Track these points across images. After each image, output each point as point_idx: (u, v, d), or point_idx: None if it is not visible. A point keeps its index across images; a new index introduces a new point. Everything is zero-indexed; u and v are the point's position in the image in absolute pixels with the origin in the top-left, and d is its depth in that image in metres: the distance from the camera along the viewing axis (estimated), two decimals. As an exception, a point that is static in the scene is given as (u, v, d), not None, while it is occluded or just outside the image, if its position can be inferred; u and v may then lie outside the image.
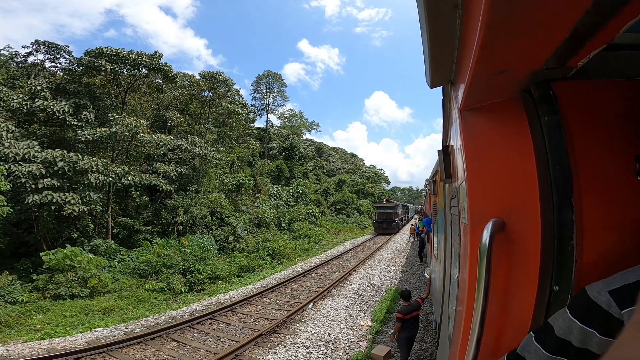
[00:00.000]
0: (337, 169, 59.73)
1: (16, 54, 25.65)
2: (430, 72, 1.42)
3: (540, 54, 0.93)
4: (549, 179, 1.12)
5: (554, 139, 1.12)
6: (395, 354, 6.77)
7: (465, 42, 1.03)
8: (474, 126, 1.30)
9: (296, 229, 26.23)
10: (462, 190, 1.47)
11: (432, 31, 1.07)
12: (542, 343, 0.97)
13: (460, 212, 1.61)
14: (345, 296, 10.81)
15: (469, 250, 1.30)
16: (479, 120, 1.30)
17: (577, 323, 0.89)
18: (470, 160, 1.30)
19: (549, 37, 0.83)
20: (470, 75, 1.02)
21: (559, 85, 1.13)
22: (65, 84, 16.09)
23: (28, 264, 12.33)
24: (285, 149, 47.91)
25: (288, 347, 7.01)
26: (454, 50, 1.18)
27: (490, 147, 1.26)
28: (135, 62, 16.96)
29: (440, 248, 4.46)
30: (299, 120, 61.51)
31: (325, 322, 8.44)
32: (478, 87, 1.14)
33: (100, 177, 13.82)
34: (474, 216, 1.25)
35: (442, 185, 4.26)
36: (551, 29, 0.79)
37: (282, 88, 55.58)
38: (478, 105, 1.30)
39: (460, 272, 1.66)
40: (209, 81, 23.80)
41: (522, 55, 0.94)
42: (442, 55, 1.24)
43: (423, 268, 15.05)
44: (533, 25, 0.77)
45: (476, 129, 1.30)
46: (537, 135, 1.16)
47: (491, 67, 0.99)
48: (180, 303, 10.86)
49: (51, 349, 6.84)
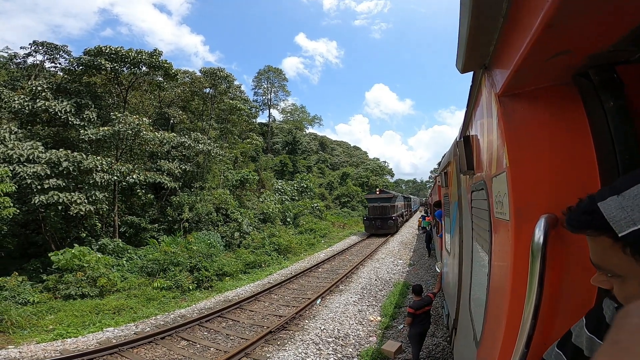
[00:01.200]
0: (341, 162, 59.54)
1: (15, 55, 25.60)
2: (465, 56, 1.30)
3: (614, 33, 0.81)
4: (615, 169, 1.01)
5: (622, 126, 1.01)
6: (406, 349, 6.73)
7: (517, 21, 0.92)
8: (515, 113, 1.20)
9: (301, 224, 26.23)
10: (499, 182, 1.36)
11: (475, 10, 0.96)
12: (563, 349, 0.94)
13: (494, 206, 1.49)
14: (353, 291, 10.77)
15: (513, 248, 1.19)
16: (521, 107, 1.20)
17: (585, 331, 0.85)
18: (513, 150, 1.19)
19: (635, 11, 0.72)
20: (522, 57, 0.92)
21: (625, 69, 1.01)
22: (66, 84, 16.02)
23: (38, 265, 12.44)
24: (289, 144, 47.78)
25: (298, 344, 7.00)
26: (496, 31, 1.07)
27: (537, 135, 1.16)
28: (135, 60, 16.82)
29: (454, 242, 4.34)
30: (301, 115, 61.27)
31: (334, 317, 8.42)
32: (527, 71, 1.04)
33: (105, 176, 13.83)
34: (519, 211, 1.15)
35: (455, 177, 4.13)
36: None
37: (283, 83, 55.30)
38: (520, 91, 1.19)
39: (494, 271, 1.55)
40: (210, 77, 23.63)
41: (593, 35, 0.83)
42: (483, 37, 1.13)
43: (431, 261, 14.99)
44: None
45: (519, 115, 1.20)
46: (598, 122, 1.06)
47: (550, 49, 0.89)
48: (188, 301, 10.91)
49: (64, 350, 6.88)
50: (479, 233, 2.06)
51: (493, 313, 1.51)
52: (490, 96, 1.40)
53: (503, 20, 1.00)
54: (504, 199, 1.28)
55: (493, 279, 1.56)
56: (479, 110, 1.81)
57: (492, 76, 1.34)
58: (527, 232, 1.07)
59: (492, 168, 1.50)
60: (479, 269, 2.17)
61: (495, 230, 1.50)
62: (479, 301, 2.05)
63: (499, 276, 1.44)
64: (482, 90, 1.63)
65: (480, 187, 1.86)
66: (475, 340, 1.96)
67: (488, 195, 1.62)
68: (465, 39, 1.17)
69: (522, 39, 0.89)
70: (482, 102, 1.68)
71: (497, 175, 1.40)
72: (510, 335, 1.16)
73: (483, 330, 1.72)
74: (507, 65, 1.10)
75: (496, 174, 1.42)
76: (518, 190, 1.16)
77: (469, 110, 2.13)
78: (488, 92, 1.46)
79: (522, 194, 1.16)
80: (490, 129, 1.47)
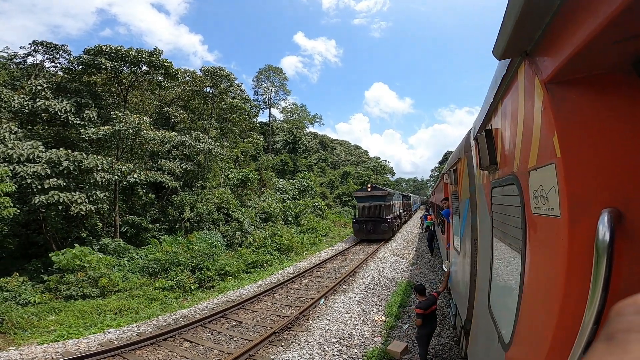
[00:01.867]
0: (342, 161, 59.45)
1: (15, 55, 25.48)
2: (507, 41, 1.23)
3: None
4: None
5: None
6: (412, 350, 6.63)
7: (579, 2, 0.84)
8: (566, 100, 1.13)
9: (303, 223, 26.13)
10: (541, 175, 1.28)
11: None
12: None
13: (531, 202, 1.40)
14: (357, 290, 10.68)
15: (567, 246, 1.09)
16: (572, 94, 1.13)
17: None
18: (565, 139, 1.10)
19: None
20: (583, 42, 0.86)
21: None
22: (66, 83, 15.93)
23: (38, 265, 12.36)
24: (289, 143, 47.67)
25: (302, 344, 6.91)
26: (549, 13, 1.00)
27: (593, 123, 1.08)
28: (136, 60, 16.70)
29: (465, 240, 4.24)
30: (301, 114, 61.15)
31: (338, 318, 8.33)
32: (585, 56, 0.96)
33: (105, 176, 13.74)
34: (576, 206, 1.06)
35: (466, 174, 4.03)
36: None
37: (283, 82, 55.25)
38: (572, 78, 1.11)
39: (532, 271, 1.45)
40: (211, 77, 23.53)
41: None
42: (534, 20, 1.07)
43: (434, 260, 14.89)
44: None
45: (570, 103, 1.13)
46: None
47: (619, 33, 0.80)
48: (190, 301, 10.82)
49: (65, 352, 6.80)
50: (505, 231, 1.96)
51: (532, 315, 1.43)
52: (532, 84, 1.32)
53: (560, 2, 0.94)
54: (549, 193, 1.19)
55: (531, 280, 1.47)
56: (510, 100, 1.72)
57: (537, 63, 1.27)
58: (587, 228, 0.99)
59: (530, 160, 1.40)
60: (503, 269, 2.07)
61: (534, 228, 1.41)
62: (505, 302, 1.95)
63: (542, 276, 1.35)
64: (518, 79, 1.54)
65: (509, 182, 1.76)
66: (501, 342, 1.87)
67: (521, 190, 1.53)
68: (513, 21, 1.10)
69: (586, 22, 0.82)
70: (516, 91, 1.60)
71: (538, 167, 1.32)
72: (562, 339, 1.09)
73: (514, 332, 1.63)
74: (560, 50, 1.04)
75: (537, 167, 1.33)
76: (574, 183, 1.07)
77: (494, 102, 2.03)
78: (529, 79, 1.38)
79: (579, 186, 1.07)
80: (529, 118, 1.38)
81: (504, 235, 1.98)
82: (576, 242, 1.06)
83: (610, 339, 0.40)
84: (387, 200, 21.96)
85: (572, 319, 1.04)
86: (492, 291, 2.36)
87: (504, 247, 2.02)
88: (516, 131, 1.60)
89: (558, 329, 1.13)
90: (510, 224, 1.82)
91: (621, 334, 0.40)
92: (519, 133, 1.55)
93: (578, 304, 1.01)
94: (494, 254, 2.30)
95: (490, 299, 2.37)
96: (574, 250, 1.07)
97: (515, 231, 1.70)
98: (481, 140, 2.14)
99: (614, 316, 0.43)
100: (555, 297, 1.16)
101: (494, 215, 2.25)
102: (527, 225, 1.49)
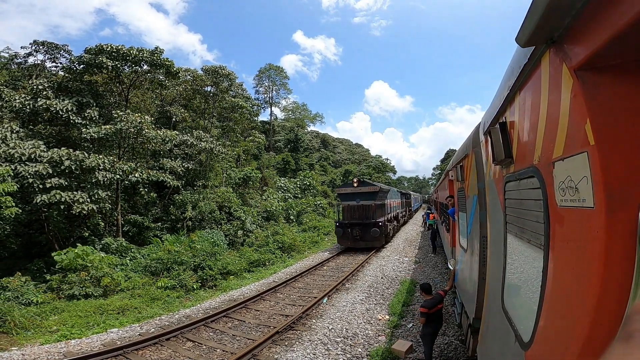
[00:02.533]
0: (343, 160, 59.37)
1: (16, 55, 25.50)
2: (533, 27, 1.20)
3: None
4: None
5: None
6: (416, 349, 6.56)
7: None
8: (598, 87, 1.10)
9: (305, 221, 26.08)
10: (570, 166, 1.24)
11: None
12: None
13: (556, 194, 1.36)
14: (360, 289, 10.61)
15: (605, 239, 1.04)
16: (605, 81, 1.10)
17: None
18: (599, 127, 1.08)
19: None
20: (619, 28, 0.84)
21: None
22: (67, 83, 15.90)
23: (41, 264, 12.36)
24: (291, 141, 47.64)
25: (306, 344, 6.84)
26: None
27: (629, 110, 1.05)
28: (137, 59, 16.66)
29: (472, 238, 4.16)
30: (302, 113, 61.04)
31: (341, 317, 8.26)
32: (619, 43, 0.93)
33: (107, 175, 13.71)
34: (613, 196, 1.01)
35: (473, 169, 3.96)
36: None
37: (284, 81, 55.12)
38: (604, 64, 1.08)
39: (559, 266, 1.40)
40: (212, 75, 23.48)
41: None
42: (564, 6, 1.04)
43: (437, 259, 14.81)
44: None
45: (603, 90, 1.10)
46: None
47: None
48: (193, 300, 10.78)
49: (67, 353, 6.76)
50: (522, 226, 1.90)
51: (559, 312, 1.37)
52: (559, 72, 1.29)
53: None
54: (580, 184, 1.15)
55: (557, 275, 1.41)
56: (530, 90, 1.68)
57: (565, 50, 1.25)
58: (626, 219, 0.96)
59: (555, 151, 1.36)
60: (520, 266, 2.01)
61: (560, 221, 1.36)
62: (523, 300, 1.89)
63: (571, 271, 1.29)
64: (541, 67, 1.50)
65: (527, 175, 1.71)
66: (519, 341, 1.81)
67: (544, 182, 1.48)
68: (542, 7, 1.07)
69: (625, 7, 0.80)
70: (538, 80, 1.56)
71: (565, 157, 1.27)
72: (597, 336, 1.05)
73: (536, 330, 1.57)
74: (593, 36, 1.01)
75: (563, 157, 1.29)
76: (610, 172, 1.03)
77: (510, 93, 1.97)
78: (554, 67, 1.35)
79: (616, 175, 1.02)
80: (555, 107, 1.34)
81: (521, 230, 1.92)
82: (614, 234, 1.01)
83: (629, 338, 0.40)
84: (379, 198, 17.73)
85: (610, 315, 1.00)
86: (505, 289, 2.29)
87: (520, 243, 1.95)
88: (537, 122, 1.55)
89: (594, 326, 1.08)
90: (528, 219, 1.76)
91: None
92: (541, 123, 1.50)
93: (618, 299, 0.97)
94: (508, 250, 2.23)
95: (503, 297, 2.30)
96: (612, 242, 1.02)
97: (535, 226, 1.64)
98: (494, 133, 2.09)
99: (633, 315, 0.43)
100: (590, 292, 1.10)
101: (508, 210, 2.18)
102: (550, 219, 1.44)
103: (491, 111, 2.67)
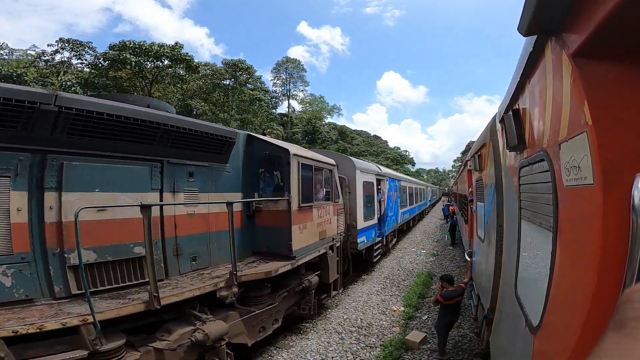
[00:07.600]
0: (361, 152, 59.00)
1: (43, 52, 26.74)
2: (532, 17, 1.28)
3: None
4: None
5: None
6: (430, 340, 6.56)
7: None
8: (593, 72, 1.19)
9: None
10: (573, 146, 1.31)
11: None
12: None
13: (563, 174, 1.41)
14: (376, 280, 10.65)
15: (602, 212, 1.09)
16: (601, 65, 1.17)
17: None
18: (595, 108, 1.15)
19: None
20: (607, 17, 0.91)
21: None
22: (94, 79, 16.65)
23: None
24: (308, 133, 47.81)
25: (320, 332, 6.99)
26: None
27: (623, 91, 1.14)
28: (158, 54, 17.19)
29: (489, 228, 4.11)
30: (320, 105, 60.89)
31: (357, 307, 8.35)
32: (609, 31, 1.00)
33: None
34: (609, 171, 1.08)
35: (491, 158, 3.90)
36: None
37: (301, 73, 55.09)
38: (598, 51, 1.17)
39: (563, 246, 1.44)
40: (231, 69, 23.85)
41: None
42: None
43: (455, 251, 14.58)
44: None
45: (599, 73, 1.18)
46: None
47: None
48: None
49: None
50: (535, 210, 1.94)
51: (565, 292, 1.41)
52: (559, 58, 1.38)
53: None
54: (582, 162, 1.22)
55: (563, 255, 1.46)
56: (537, 77, 1.75)
57: (563, 37, 1.33)
58: (621, 192, 1.01)
59: (560, 133, 1.44)
60: (532, 250, 2.05)
61: (566, 201, 1.42)
62: (534, 284, 1.92)
63: (574, 249, 1.34)
64: (545, 55, 1.60)
65: (538, 159, 1.77)
66: (529, 326, 1.84)
67: (552, 164, 1.55)
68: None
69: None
70: (543, 67, 1.63)
71: (569, 139, 1.34)
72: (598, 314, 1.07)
73: (545, 314, 1.60)
74: (585, 24, 1.09)
75: (567, 138, 1.36)
76: (606, 148, 1.10)
77: (520, 81, 2.03)
78: (556, 54, 1.43)
79: (612, 151, 1.10)
80: (558, 92, 1.41)
81: (534, 214, 1.96)
82: (611, 208, 1.06)
83: (620, 327, 0.40)
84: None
85: (611, 289, 1.03)
86: (519, 275, 2.32)
87: (533, 227, 2.00)
88: (544, 107, 1.60)
89: (594, 304, 1.12)
90: (540, 202, 1.81)
91: (632, 322, 0.39)
92: (547, 108, 1.56)
93: (616, 272, 1.01)
94: (522, 235, 2.27)
95: (517, 283, 2.33)
96: (610, 216, 1.07)
97: (545, 208, 1.69)
98: (508, 120, 2.17)
99: (623, 303, 0.42)
100: (591, 268, 1.14)
101: (522, 196, 2.23)
102: (558, 199, 1.51)
103: (505, 99, 2.69)
